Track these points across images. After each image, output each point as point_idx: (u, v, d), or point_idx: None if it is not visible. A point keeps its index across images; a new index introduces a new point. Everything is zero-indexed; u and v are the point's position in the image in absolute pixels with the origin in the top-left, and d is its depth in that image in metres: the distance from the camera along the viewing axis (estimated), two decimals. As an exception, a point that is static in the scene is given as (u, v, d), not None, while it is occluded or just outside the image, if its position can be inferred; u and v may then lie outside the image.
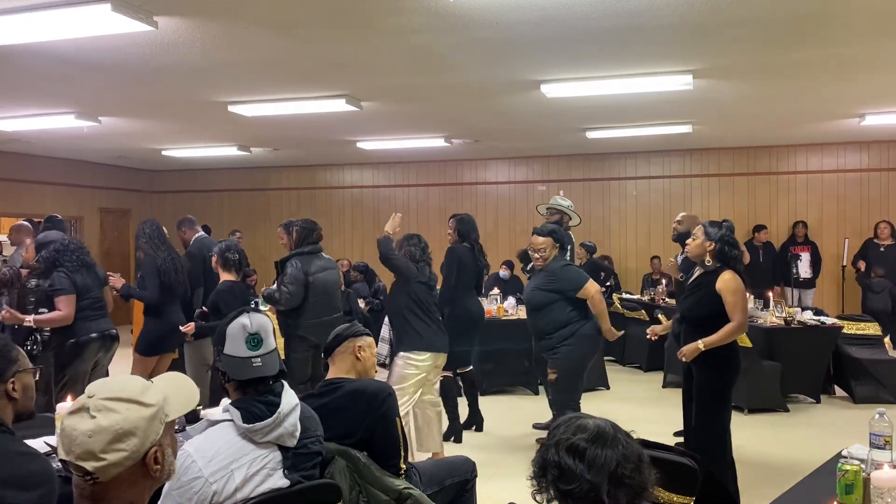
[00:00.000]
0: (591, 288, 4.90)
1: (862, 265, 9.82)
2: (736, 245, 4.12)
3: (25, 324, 4.81)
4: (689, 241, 4.33)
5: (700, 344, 4.02)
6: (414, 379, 4.76)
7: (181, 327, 5.31)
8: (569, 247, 6.09)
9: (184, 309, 5.77)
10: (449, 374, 5.81)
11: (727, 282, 4.00)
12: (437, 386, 5.19)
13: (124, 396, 1.54)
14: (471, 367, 5.89)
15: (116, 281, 5.56)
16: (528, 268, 6.84)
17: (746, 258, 5.09)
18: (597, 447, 1.73)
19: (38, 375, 2.40)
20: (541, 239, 4.99)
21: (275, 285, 5.48)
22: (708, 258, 4.13)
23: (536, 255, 5.00)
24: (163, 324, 5.49)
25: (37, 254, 5.09)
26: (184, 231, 6.84)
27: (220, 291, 5.21)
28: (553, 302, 4.85)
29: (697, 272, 4.37)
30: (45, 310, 4.90)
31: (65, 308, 4.79)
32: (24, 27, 4.55)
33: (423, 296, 4.90)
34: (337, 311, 5.62)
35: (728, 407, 4.20)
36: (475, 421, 5.98)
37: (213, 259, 5.45)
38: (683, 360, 4.18)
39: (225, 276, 5.33)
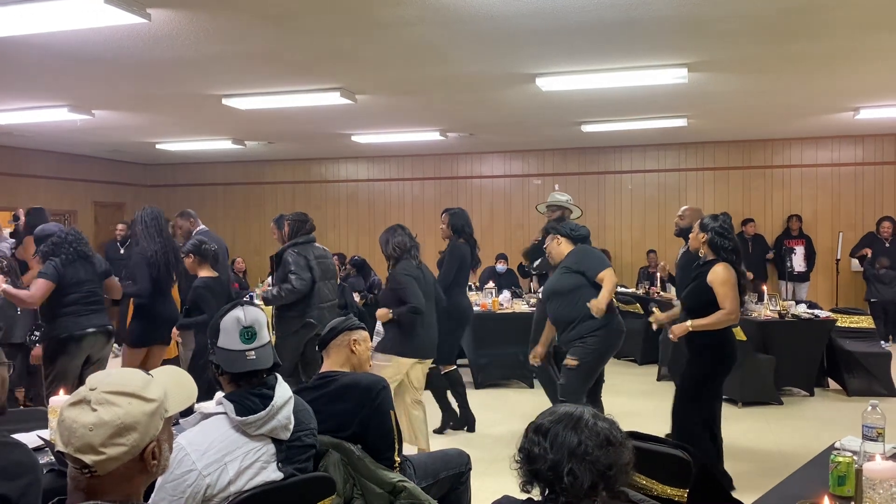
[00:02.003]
0: (608, 275, 4.68)
1: (867, 252, 9.75)
2: (725, 235, 4.19)
3: None
4: (691, 235, 4.42)
5: (689, 323, 4.14)
6: (392, 379, 4.69)
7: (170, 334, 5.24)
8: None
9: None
10: (453, 368, 5.83)
11: (717, 274, 4.11)
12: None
13: (127, 391, 1.52)
14: (455, 367, 5.83)
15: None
16: (534, 266, 6.85)
17: None
18: (559, 426, 1.75)
19: (12, 371, 2.38)
20: (547, 239, 5.08)
21: (269, 280, 5.48)
22: (703, 249, 4.23)
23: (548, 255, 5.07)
24: (152, 315, 5.41)
25: (37, 247, 4.99)
26: (191, 221, 6.71)
27: (197, 288, 5.10)
28: (579, 287, 4.67)
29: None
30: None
31: (35, 290, 4.69)
32: (16, 19, 4.51)
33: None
34: (335, 297, 5.72)
35: (707, 403, 4.25)
36: (466, 420, 5.91)
37: (189, 259, 5.28)
38: (671, 336, 4.31)
39: (203, 273, 5.22)
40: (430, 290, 4.98)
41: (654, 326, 5.13)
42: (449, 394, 5.83)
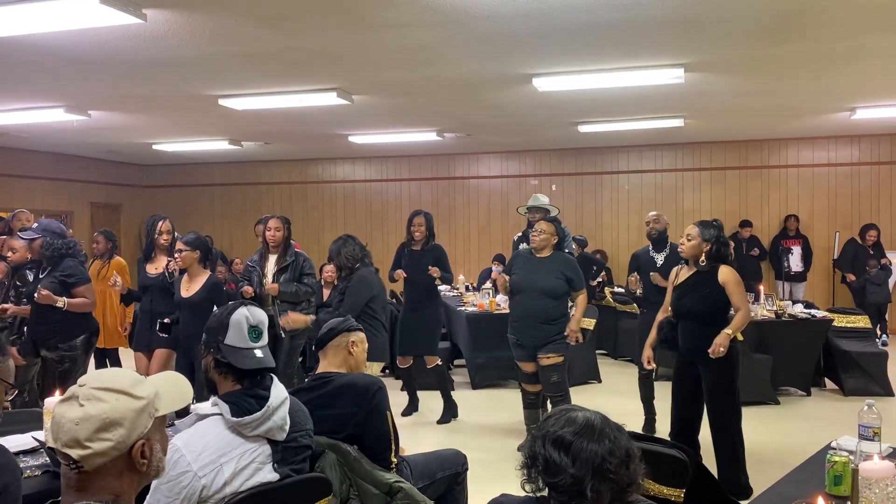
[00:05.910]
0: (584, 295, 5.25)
1: (851, 277, 9.82)
2: (728, 244, 4.39)
3: (58, 305, 4.77)
4: (682, 241, 4.38)
5: (728, 330, 4.15)
6: None
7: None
8: (567, 241, 6.20)
9: None
10: (439, 361, 6.13)
11: (729, 274, 4.22)
12: None
13: (114, 387, 1.55)
14: (438, 362, 6.19)
15: (123, 287, 5.53)
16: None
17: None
18: (582, 440, 1.73)
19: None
20: (544, 225, 5.15)
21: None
22: (703, 258, 4.28)
23: (537, 238, 5.09)
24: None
25: (41, 238, 4.93)
26: None
27: (217, 283, 5.08)
28: (565, 292, 5.07)
29: (682, 270, 4.46)
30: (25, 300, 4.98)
31: (89, 294, 4.92)
32: (11, 19, 4.50)
33: (373, 303, 4.99)
34: None
35: (739, 400, 4.37)
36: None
37: (194, 255, 4.99)
38: (714, 353, 4.12)
39: (204, 274, 5.06)
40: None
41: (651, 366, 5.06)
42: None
